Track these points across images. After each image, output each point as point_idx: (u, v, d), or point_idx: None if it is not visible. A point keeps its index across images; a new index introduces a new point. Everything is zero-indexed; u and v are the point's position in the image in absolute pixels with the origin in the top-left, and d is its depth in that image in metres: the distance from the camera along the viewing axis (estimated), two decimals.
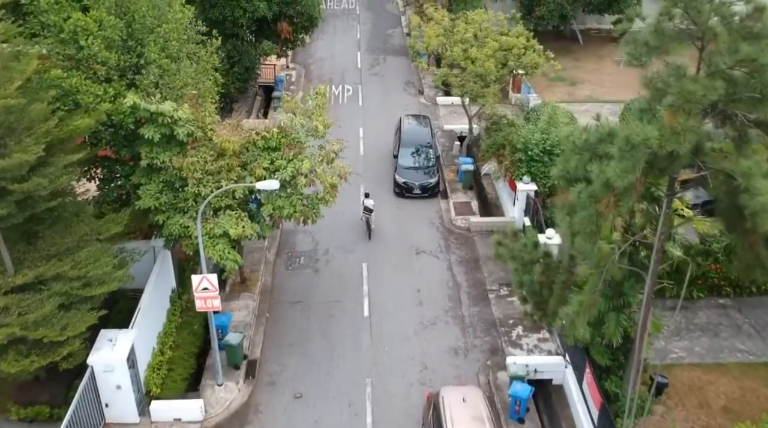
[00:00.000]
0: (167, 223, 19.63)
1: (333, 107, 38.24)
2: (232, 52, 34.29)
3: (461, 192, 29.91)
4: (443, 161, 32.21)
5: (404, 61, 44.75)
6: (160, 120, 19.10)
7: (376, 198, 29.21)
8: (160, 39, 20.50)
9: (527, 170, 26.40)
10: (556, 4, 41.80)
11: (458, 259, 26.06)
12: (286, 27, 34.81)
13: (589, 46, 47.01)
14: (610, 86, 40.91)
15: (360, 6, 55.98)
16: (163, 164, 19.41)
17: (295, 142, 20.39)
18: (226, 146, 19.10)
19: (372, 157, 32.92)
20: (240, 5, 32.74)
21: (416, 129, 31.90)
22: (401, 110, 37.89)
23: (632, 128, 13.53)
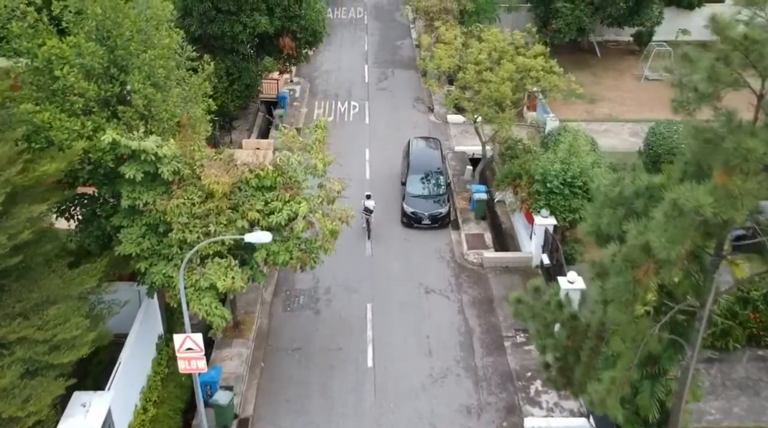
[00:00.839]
0: (149, 271, 17.77)
1: (338, 126, 36.41)
2: (232, 69, 32.44)
3: (473, 222, 27.91)
4: (454, 187, 30.21)
5: (413, 75, 42.77)
6: (143, 157, 17.28)
7: (382, 229, 27.40)
8: (146, 66, 18.66)
9: (546, 202, 24.41)
10: (573, 17, 39.69)
11: (471, 299, 24.07)
12: (288, 42, 32.92)
13: (608, 59, 44.87)
14: (630, 104, 38.81)
15: (368, 15, 54.05)
16: (146, 207, 17.57)
17: (292, 181, 18.48)
18: (215, 188, 17.20)
19: (378, 181, 30.97)
20: (240, 20, 30.88)
21: (426, 153, 29.94)
22: (410, 129, 36.00)
23: (681, 191, 11.51)
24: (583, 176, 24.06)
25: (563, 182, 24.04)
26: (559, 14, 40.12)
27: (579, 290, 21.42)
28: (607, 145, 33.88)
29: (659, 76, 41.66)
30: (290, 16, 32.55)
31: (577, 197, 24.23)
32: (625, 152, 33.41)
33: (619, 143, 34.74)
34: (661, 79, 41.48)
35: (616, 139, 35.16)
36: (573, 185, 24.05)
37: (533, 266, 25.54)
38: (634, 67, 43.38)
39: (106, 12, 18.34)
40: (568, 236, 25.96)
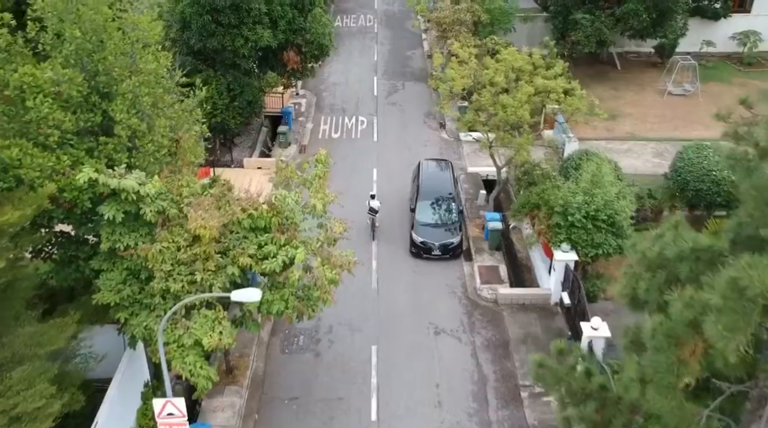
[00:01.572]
0: (130, 323, 16.08)
1: (345, 143, 34.68)
2: (233, 85, 30.78)
3: (487, 253, 26.05)
4: (467, 213, 28.35)
5: (424, 89, 40.93)
6: (123, 196, 15.61)
7: (389, 259, 25.63)
8: (130, 94, 16.99)
9: (566, 237, 22.54)
10: (593, 29, 37.71)
11: (484, 342, 22.22)
12: (293, 57, 31.20)
13: (628, 71, 42.85)
14: (653, 121, 36.79)
15: (378, 24, 52.27)
16: (126, 251, 15.88)
17: (289, 222, 16.72)
18: (202, 233, 15.47)
19: (386, 205, 29.12)
20: (241, 34, 29.20)
21: (436, 177, 28.11)
22: (420, 147, 34.21)
23: (742, 268, 9.64)
24: (607, 209, 22.16)
25: (586, 216, 22.16)
26: (577, 26, 38.15)
27: (604, 338, 19.56)
28: (629, 166, 31.94)
29: (683, 91, 39.67)
30: (295, 29, 30.85)
31: (601, 231, 22.35)
32: (648, 174, 31.49)
33: (641, 164, 32.76)
34: (685, 95, 39.49)
35: (639, 159, 33.18)
36: (597, 219, 22.16)
37: (552, 304, 23.68)
38: (656, 81, 41.33)
39: (86, 35, 16.71)
40: (589, 271, 24.09)
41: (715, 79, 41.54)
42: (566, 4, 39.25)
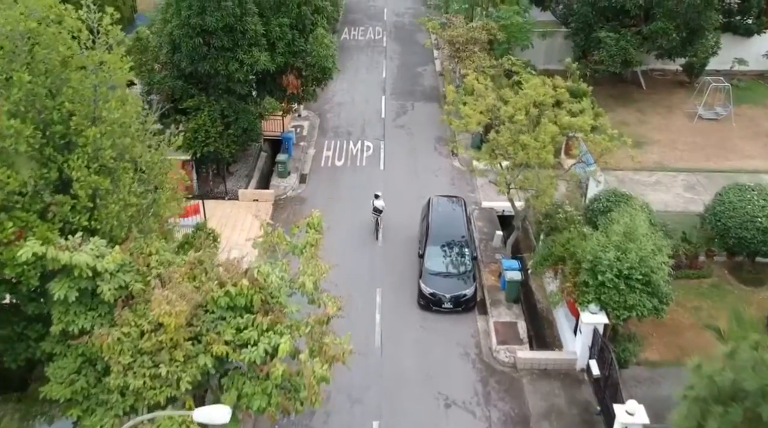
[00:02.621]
0: (83, 423, 13.59)
1: (349, 172, 32.12)
2: (227, 111, 28.28)
3: (504, 306, 23.39)
4: (481, 257, 25.71)
5: (435, 110, 38.27)
6: (77, 273, 13.13)
7: (395, 310, 23.11)
8: (89, 147, 14.53)
9: (596, 297, 19.86)
10: (618, 48, 34.98)
11: (502, 417, 19.56)
12: (293, 81, 28.68)
13: (654, 91, 40.06)
14: (683, 149, 33.98)
15: (387, 36, 49.72)
16: (80, 337, 13.42)
17: (274, 302, 14.16)
18: (166, 321, 12.94)
19: (392, 247, 26.59)
20: (236, 57, 26.71)
21: (448, 217, 25.47)
22: (431, 177, 31.61)
23: None
24: (642, 267, 19.45)
25: (618, 274, 19.45)
26: (601, 45, 35.45)
27: (641, 425, 16.87)
28: (659, 201, 29.24)
29: (715, 114, 36.83)
30: (295, 52, 28.35)
31: (635, 291, 19.62)
32: (680, 211, 28.75)
33: (672, 199, 29.99)
34: (717, 119, 36.65)
35: (669, 193, 30.40)
36: (630, 278, 19.45)
37: (578, 370, 21.01)
38: (684, 103, 38.56)
39: (38, 78, 14.26)
40: (620, 331, 21.39)
41: (748, 101, 38.71)
42: (588, 21, 36.55)
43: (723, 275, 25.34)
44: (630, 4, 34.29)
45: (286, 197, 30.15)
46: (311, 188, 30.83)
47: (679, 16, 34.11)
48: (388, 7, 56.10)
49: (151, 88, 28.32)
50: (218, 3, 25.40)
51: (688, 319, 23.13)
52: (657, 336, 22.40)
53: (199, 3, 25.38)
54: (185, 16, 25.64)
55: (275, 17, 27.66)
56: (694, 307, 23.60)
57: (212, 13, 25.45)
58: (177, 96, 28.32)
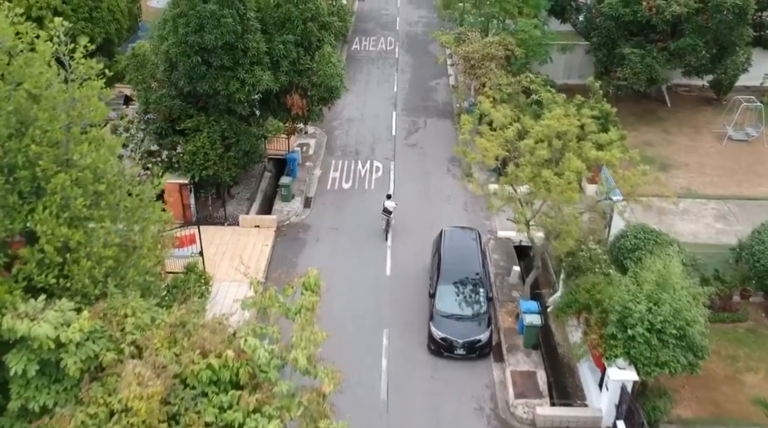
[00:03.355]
0: None
1: (357, 195, 30.38)
2: (228, 132, 26.63)
3: (522, 353, 21.52)
4: (497, 294, 23.88)
5: (448, 127, 36.53)
6: (36, 345, 11.46)
7: (403, 356, 21.34)
8: (58, 195, 12.86)
9: (624, 351, 17.98)
10: (643, 65, 33.00)
11: None
12: (297, 101, 26.98)
13: (679, 109, 38.00)
14: (712, 173, 31.92)
15: (399, 47, 47.94)
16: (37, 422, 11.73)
17: (263, 378, 12.40)
18: (136, 405, 11.22)
19: (401, 283, 24.79)
20: (237, 77, 25.07)
21: (461, 252, 23.64)
22: (443, 203, 29.82)
23: None
24: (677, 320, 17.55)
25: (650, 328, 17.57)
26: (625, 61, 33.46)
27: None
28: (687, 232, 27.30)
29: (745, 135, 34.75)
30: (300, 71, 26.65)
31: (668, 346, 17.74)
32: (711, 244, 26.75)
33: (702, 229, 27.98)
34: (747, 140, 34.57)
35: (698, 223, 28.39)
36: (663, 332, 17.56)
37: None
38: (712, 122, 36.48)
39: (1, 117, 12.62)
40: (649, 386, 19.48)
41: None
42: (611, 35, 34.57)
43: (760, 319, 23.36)
44: (656, 19, 32.31)
45: (289, 223, 28.43)
46: (316, 214, 29.09)
47: (709, 32, 32.11)
48: (401, 16, 54.35)
49: (148, 106, 26.75)
50: (218, 20, 23.77)
51: (724, 370, 21.18)
52: (689, 390, 20.46)
53: (197, 20, 23.76)
54: (182, 33, 24.03)
55: (279, 34, 26.01)
56: (729, 356, 21.64)
57: (211, 30, 23.82)
58: (175, 116, 26.73)
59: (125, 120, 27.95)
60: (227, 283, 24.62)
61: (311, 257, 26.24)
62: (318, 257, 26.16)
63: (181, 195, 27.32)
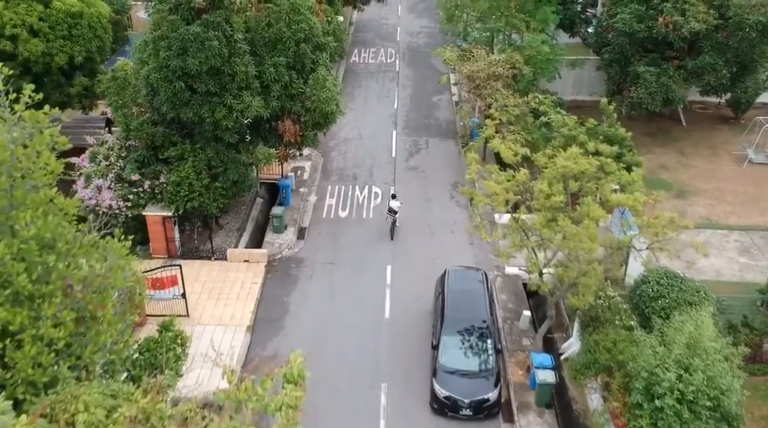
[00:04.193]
0: None
1: (354, 225, 28.44)
2: (215, 161, 24.71)
3: (534, 412, 19.56)
4: (506, 343, 21.92)
5: (452, 148, 34.60)
6: None
7: (403, 416, 19.40)
8: None
9: (651, 422, 16.01)
10: (659, 85, 31.04)
11: None
12: (290, 127, 25.03)
13: (695, 128, 36.07)
14: (733, 201, 29.95)
15: (400, 60, 46.01)
16: None
17: None
18: None
19: (401, 327, 22.81)
20: (223, 103, 23.13)
21: (467, 297, 21.67)
22: (446, 234, 27.89)
23: None
24: (711, 389, 15.60)
25: (680, 399, 15.61)
26: (639, 80, 31.51)
27: None
28: (709, 268, 25.30)
29: (767, 158, 32.79)
30: (292, 95, 24.69)
31: (701, 418, 15.77)
32: (735, 282, 24.81)
33: (724, 265, 25.99)
34: None
35: (720, 258, 26.39)
36: (696, 403, 15.60)
37: None
38: (730, 143, 34.55)
39: None
40: None
41: None
42: (624, 52, 32.63)
43: None
44: (673, 35, 30.36)
45: (281, 257, 26.49)
46: (310, 246, 27.14)
47: (729, 50, 30.15)
48: (402, 26, 52.47)
49: (129, 133, 24.83)
50: (202, 43, 21.83)
51: None
52: None
53: (179, 43, 21.83)
54: (164, 57, 22.10)
55: (270, 56, 24.07)
56: (763, 417, 19.66)
57: (195, 54, 21.89)
58: (158, 143, 24.82)
59: (105, 147, 26.09)
60: (212, 327, 22.72)
61: (304, 296, 24.31)
62: (311, 297, 24.24)
63: (164, 228, 25.39)
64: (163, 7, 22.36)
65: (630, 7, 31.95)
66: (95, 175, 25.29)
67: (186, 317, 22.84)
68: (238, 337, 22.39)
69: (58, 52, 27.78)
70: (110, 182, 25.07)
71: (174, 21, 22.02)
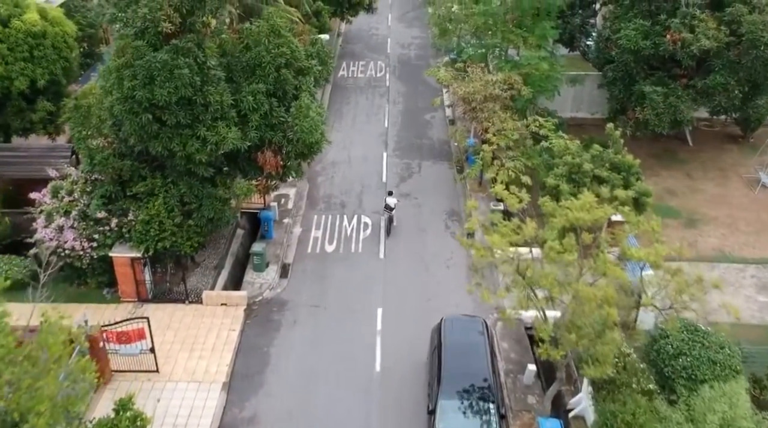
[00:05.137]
0: None
1: (341, 261, 26.39)
2: (188, 196, 22.56)
3: None
4: (509, 402, 19.86)
5: (446, 172, 32.55)
6: None
7: None
8: None
9: None
10: (666, 106, 29.11)
11: None
12: (270, 159, 22.83)
13: (702, 148, 34.19)
14: (747, 230, 28.05)
15: (391, 74, 43.93)
16: None
17: None
18: None
19: (394, 383, 20.66)
20: (196, 135, 20.96)
21: (466, 352, 19.57)
22: (442, 270, 25.87)
23: None
24: None
25: None
26: (645, 100, 29.57)
27: None
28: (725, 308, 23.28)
29: None
30: (273, 124, 22.53)
31: None
32: (756, 325, 22.90)
33: (742, 304, 23.94)
34: None
35: (738, 296, 24.40)
36: None
37: None
38: (740, 164, 32.74)
39: None
40: None
41: None
42: (629, 70, 30.68)
43: None
44: (681, 53, 28.43)
45: (262, 299, 24.34)
46: (294, 286, 25.01)
47: (742, 69, 28.25)
48: (393, 37, 50.41)
49: (94, 167, 22.64)
50: (170, 72, 19.66)
51: None
52: None
53: (145, 72, 19.65)
54: (128, 87, 19.90)
55: (248, 83, 21.92)
56: None
57: (163, 84, 19.71)
58: (126, 177, 22.66)
59: (68, 181, 23.88)
60: (184, 384, 20.57)
61: (287, 345, 22.18)
62: (295, 346, 22.12)
63: (133, 270, 23.21)
64: (127, 31, 20.19)
65: (634, 23, 30.01)
66: (57, 212, 23.08)
67: (155, 372, 20.72)
68: (213, 395, 20.22)
69: (18, 76, 25.56)
70: (73, 220, 22.87)
71: (139, 47, 19.83)
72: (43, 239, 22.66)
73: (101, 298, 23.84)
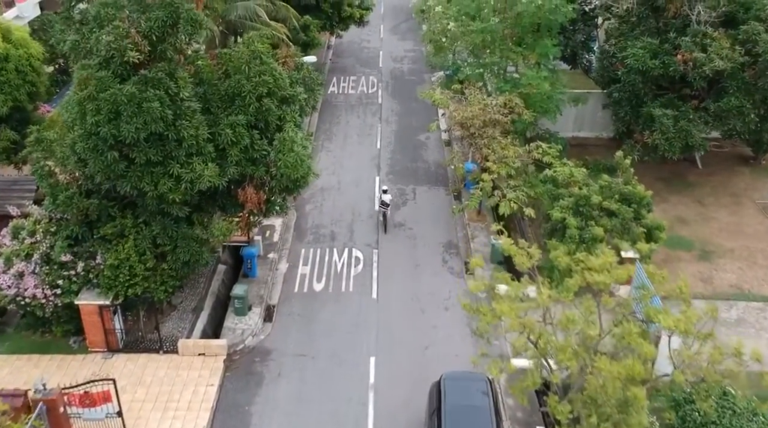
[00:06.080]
0: None
1: (330, 302, 24.38)
2: (161, 238, 20.51)
3: None
4: None
5: (442, 198, 30.62)
6: None
7: None
8: None
9: None
10: (677, 130, 27.28)
11: None
12: (251, 195, 20.80)
13: (712, 171, 32.34)
14: (765, 264, 26.17)
15: (383, 90, 41.99)
16: None
17: None
18: None
19: None
20: (169, 172, 18.93)
21: (468, 416, 17.52)
22: (439, 311, 23.94)
23: None
24: None
25: None
26: (654, 124, 27.74)
27: None
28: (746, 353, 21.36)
29: None
30: (254, 159, 20.53)
31: None
32: None
33: (765, 349, 21.97)
34: None
35: (760, 339, 22.47)
36: None
37: None
38: (753, 188, 30.97)
39: None
40: None
41: None
42: (636, 91, 28.84)
43: None
44: (693, 74, 26.65)
45: (243, 347, 22.30)
46: (279, 332, 22.98)
47: (758, 91, 26.49)
48: (385, 50, 48.49)
49: (57, 207, 20.58)
50: (138, 105, 17.65)
51: None
52: None
53: (110, 106, 17.63)
54: (92, 123, 17.89)
55: (227, 114, 19.92)
56: None
57: (130, 119, 17.70)
58: (93, 217, 20.62)
59: (30, 220, 21.80)
60: None
61: (270, 403, 20.12)
62: (279, 404, 20.08)
63: (101, 318, 21.15)
64: (90, 62, 18.17)
65: (642, 41, 28.21)
66: (17, 256, 21.01)
67: None
68: None
69: None
70: (35, 264, 20.80)
71: (103, 78, 17.81)
72: (1, 286, 20.58)
73: (67, 348, 21.76)
